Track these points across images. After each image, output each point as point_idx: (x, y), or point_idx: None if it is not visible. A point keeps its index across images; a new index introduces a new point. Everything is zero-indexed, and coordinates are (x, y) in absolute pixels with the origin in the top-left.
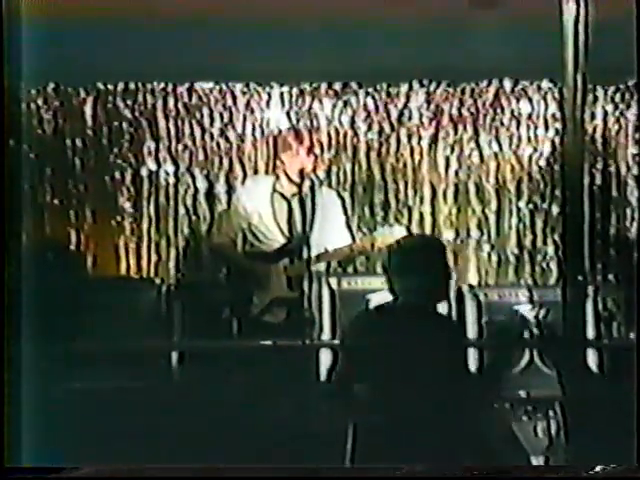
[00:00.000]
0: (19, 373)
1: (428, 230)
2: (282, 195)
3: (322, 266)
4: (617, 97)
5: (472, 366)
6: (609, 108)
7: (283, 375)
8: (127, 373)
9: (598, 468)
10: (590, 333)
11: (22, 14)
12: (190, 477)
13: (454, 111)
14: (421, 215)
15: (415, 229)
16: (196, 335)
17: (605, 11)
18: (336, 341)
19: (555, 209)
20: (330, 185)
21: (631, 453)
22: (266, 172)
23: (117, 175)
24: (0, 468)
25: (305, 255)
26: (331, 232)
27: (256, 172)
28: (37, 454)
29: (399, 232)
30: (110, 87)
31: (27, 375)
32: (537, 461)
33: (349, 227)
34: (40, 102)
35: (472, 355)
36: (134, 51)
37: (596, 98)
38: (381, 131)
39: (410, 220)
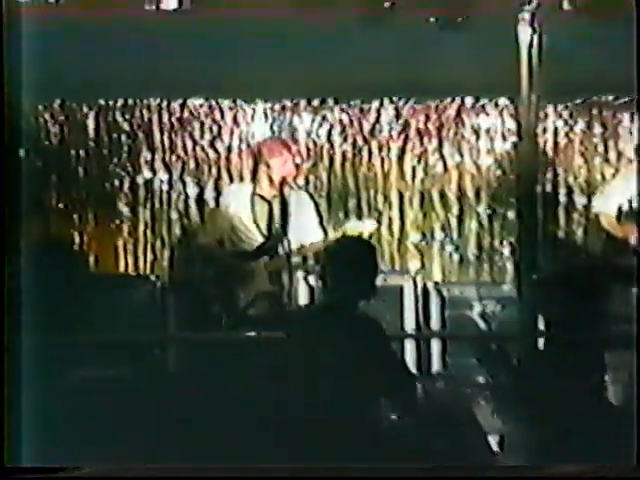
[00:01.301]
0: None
1: (397, 232)
2: (263, 198)
3: (299, 261)
4: (566, 114)
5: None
6: (559, 123)
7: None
8: (121, 364)
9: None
10: (541, 325)
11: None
12: (190, 477)
13: (420, 125)
14: (390, 219)
15: (385, 231)
16: (186, 327)
17: (559, 35)
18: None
19: (511, 214)
20: (307, 190)
21: None
22: (251, 179)
23: (116, 182)
24: (0, 468)
25: (283, 251)
26: (306, 231)
27: (241, 179)
28: (37, 454)
29: (369, 225)
30: (110, 103)
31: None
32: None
33: (322, 226)
34: (47, 116)
35: (436, 347)
36: (132, 69)
37: (547, 114)
38: (354, 143)
39: (380, 223)
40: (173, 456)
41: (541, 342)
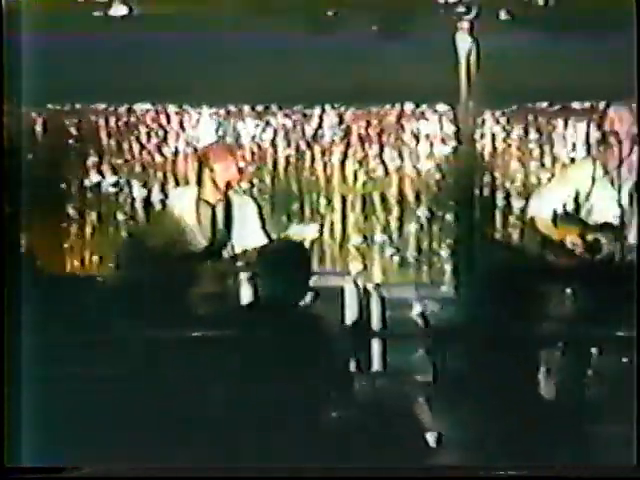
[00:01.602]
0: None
1: (338, 235)
2: (207, 202)
3: (243, 264)
4: (503, 120)
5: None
6: (496, 129)
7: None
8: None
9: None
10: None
11: None
12: (190, 477)
13: (362, 131)
14: (332, 222)
15: (327, 234)
16: (134, 327)
17: (496, 44)
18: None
19: (449, 217)
20: (251, 194)
21: None
22: (196, 183)
23: (64, 185)
24: (0, 468)
25: (227, 254)
26: (250, 234)
27: (187, 183)
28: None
29: (312, 229)
30: (58, 107)
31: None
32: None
33: (265, 230)
34: None
35: (376, 347)
36: (79, 75)
37: (485, 120)
38: (298, 148)
39: (322, 226)
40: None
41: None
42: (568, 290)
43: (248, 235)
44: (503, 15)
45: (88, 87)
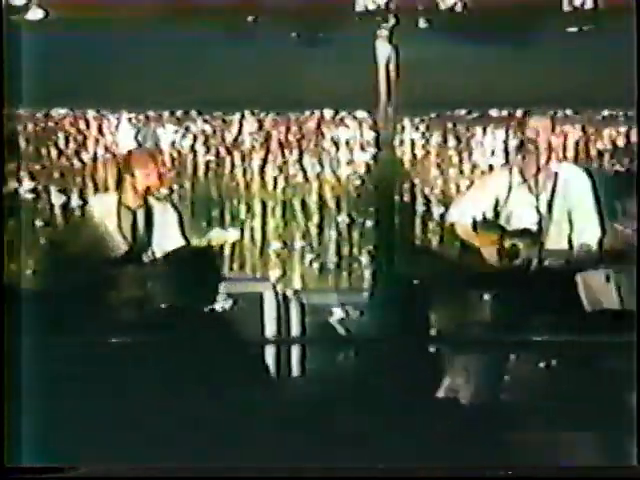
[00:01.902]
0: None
1: (258, 241)
2: (127, 207)
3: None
4: (422, 127)
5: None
6: (416, 136)
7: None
8: None
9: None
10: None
11: None
12: (190, 477)
13: (282, 137)
14: (252, 228)
15: (247, 240)
16: (54, 334)
17: (416, 52)
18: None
19: (369, 223)
20: (171, 200)
21: None
22: (116, 189)
23: None
24: (0, 468)
25: (147, 259)
26: (170, 240)
27: (107, 189)
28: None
29: (233, 234)
30: None
31: None
32: None
33: (184, 235)
34: None
35: (295, 353)
36: None
37: (404, 127)
38: (218, 154)
39: (242, 232)
40: None
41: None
42: (487, 295)
43: (168, 240)
44: (422, 23)
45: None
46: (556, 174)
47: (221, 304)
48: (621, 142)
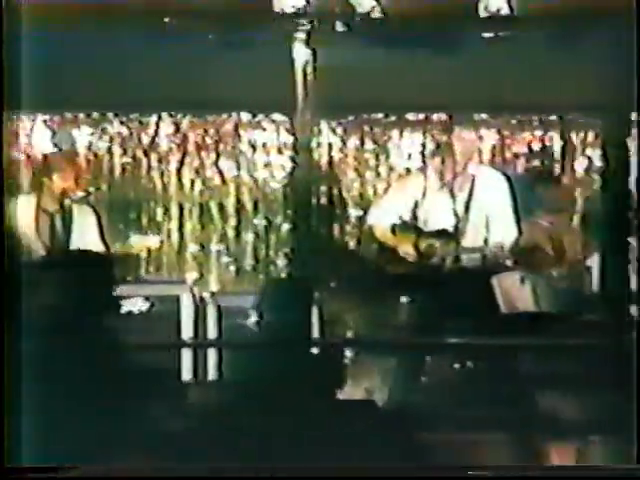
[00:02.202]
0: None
1: (175, 244)
2: (45, 211)
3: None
4: (339, 130)
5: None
6: (333, 139)
7: None
8: None
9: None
10: (315, 332)
11: None
12: (190, 477)
13: (199, 139)
14: (169, 230)
15: (164, 242)
16: None
17: (333, 55)
18: None
19: (286, 225)
20: (89, 203)
21: None
22: (34, 192)
23: None
24: (0, 468)
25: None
26: (88, 243)
27: (24, 192)
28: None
29: (153, 240)
30: None
31: None
32: None
33: (103, 239)
34: None
35: (212, 356)
36: None
37: (322, 130)
38: (135, 156)
39: (161, 235)
40: None
41: (313, 347)
42: (404, 297)
43: (87, 244)
44: (340, 26)
45: None
46: (473, 177)
47: (138, 306)
48: (537, 146)
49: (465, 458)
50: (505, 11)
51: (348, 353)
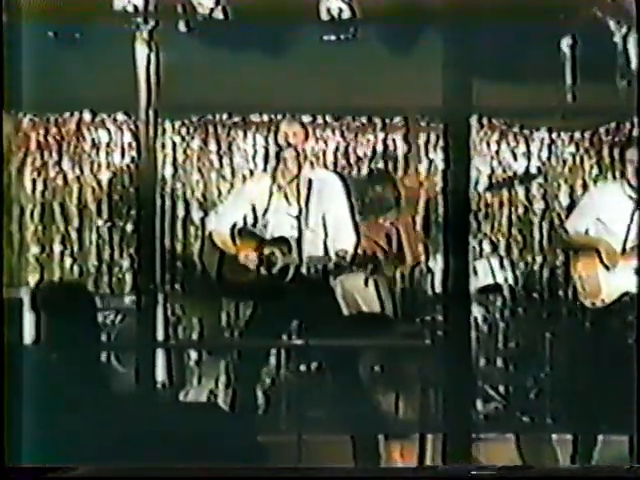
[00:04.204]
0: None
1: (16, 246)
2: None
3: None
4: (183, 130)
5: None
6: (177, 139)
7: None
8: None
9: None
10: (160, 335)
11: None
12: (190, 477)
13: (41, 138)
14: (10, 233)
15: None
16: None
17: (177, 55)
18: None
19: (130, 227)
20: None
21: None
22: None
23: None
24: (0, 468)
25: None
26: None
27: None
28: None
29: None
30: None
31: None
32: None
33: None
34: None
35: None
36: None
37: (165, 130)
38: None
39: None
40: None
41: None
42: (246, 302)
43: None
44: (182, 27)
45: None
46: (310, 180)
47: None
48: (380, 148)
49: (310, 458)
50: (347, 15)
51: (193, 354)
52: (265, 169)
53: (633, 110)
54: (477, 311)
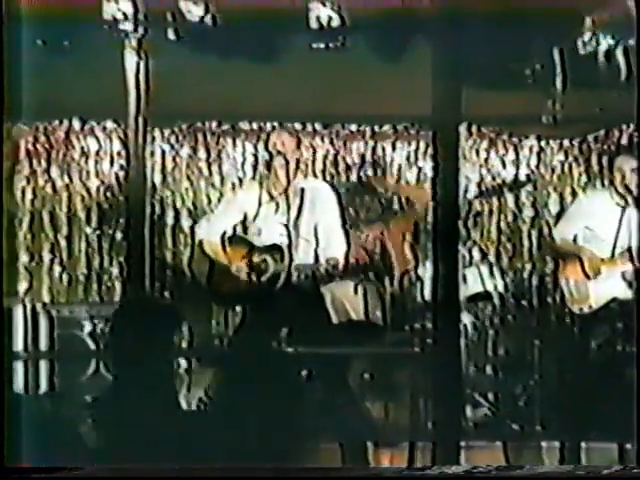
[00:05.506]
0: None
1: (5, 254)
2: None
3: None
4: (173, 138)
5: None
6: (166, 147)
7: None
8: None
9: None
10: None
11: None
12: (190, 477)
13: (30, 146)
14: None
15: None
16: None
17: (166, 63)
18: None
19: (119, 235)
20: None
21: None
22: None
23: None
24: (0, 468)
25: None
26: None
27: None
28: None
29: None
30: None
31: None
32: None
33: None
34: None
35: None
36: None
37: (155, 138)
38: None
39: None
40: None
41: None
42: (236, 310)
43: None
44: (172, 35)
45: None
46: (302, 189)
47: None
48: (369, 156)
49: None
50: (336, 23)
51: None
52: (254, 177)
53: (621, 118)
54: (467, 319)
